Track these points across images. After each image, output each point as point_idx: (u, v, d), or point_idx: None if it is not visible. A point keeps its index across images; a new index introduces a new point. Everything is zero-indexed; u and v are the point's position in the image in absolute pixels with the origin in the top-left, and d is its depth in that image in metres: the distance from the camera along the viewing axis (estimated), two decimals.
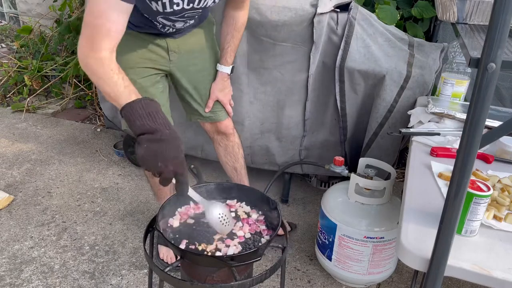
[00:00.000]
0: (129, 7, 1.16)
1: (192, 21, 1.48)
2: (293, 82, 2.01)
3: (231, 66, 1.68)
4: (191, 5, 1.33)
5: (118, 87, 1.15)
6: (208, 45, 1.66)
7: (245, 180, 1.90)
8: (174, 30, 1.48)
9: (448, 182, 0.81)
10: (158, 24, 1.42)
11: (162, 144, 1.10)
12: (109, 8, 1.13)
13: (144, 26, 1.44)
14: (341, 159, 1.76)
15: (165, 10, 1.31)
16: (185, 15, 1.39)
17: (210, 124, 1.78)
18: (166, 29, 1.47)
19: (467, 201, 0.95)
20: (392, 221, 1.62)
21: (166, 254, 1.82)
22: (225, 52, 1.64)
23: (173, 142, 1.10)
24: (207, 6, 1.39)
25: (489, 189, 0.96)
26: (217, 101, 1.72)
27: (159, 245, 1.85)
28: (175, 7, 1.31)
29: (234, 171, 1.88)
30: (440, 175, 1.25)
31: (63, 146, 2.80)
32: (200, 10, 1.40)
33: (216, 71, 1.69)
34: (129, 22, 1.30)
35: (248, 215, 1.39)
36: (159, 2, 1.26)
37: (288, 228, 1.96)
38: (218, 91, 1.69)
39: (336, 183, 2.14)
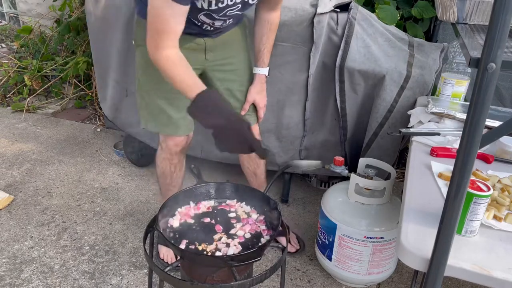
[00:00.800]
0: (187, 8, 1.25)
1: (230, 20, 1.47)
2: (293, 82, 2.01)
3: (268, 68, 1.67)
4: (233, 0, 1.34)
5: (182, 82, 1.29)
6: (242, 46, 1.66)
7: (263, 186, 1.89)
8: (212, 28, 1.47)
9: (448, 182, 0.81)
10: (197, 22, 1.42)
11: (234, 132, 1.24)
12: (171, 15, 1.23)
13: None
14: (341, 159, 1.76)
15: (210, 8, 1.32)
16: (227, 13, 1.39)
17: None
18: (204, 27, 1.46)
19: (467, 201, 0.94)
20: (392, 221, 1.62)
21: (166, 254, 1.82)
22: (262, 53, 1.63)
23: (240, 128, 1.24)
24: (247, 0, 1.38)
25: (489, 189, 0.96)
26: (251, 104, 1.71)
27: (159, 245, 1.85)
28: (219, 5, 1.32)
29: (253, 176, 1.88)
30: (440, 175, 1.25)
31: (63, 146, 2.80)
32: (240, 6, 1.38)
33: (250, 73, 1.67)
34: None
35: (248, 215, 1.39)
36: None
37: (297, 247, 1.95)
38: (256, 94, 1.67)
39: (336, 183, 2.13)
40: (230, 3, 1.34)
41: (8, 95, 3.41)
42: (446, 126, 1.55)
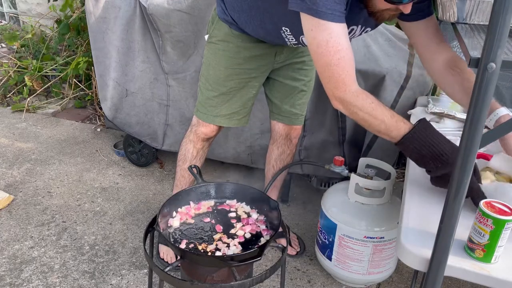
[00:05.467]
0: (345, 25, 1.11)
1: None
2: None
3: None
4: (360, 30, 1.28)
5: (384, 117, 1.11)
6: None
7: (277, 184, 1.93)
8: (295, 41, 1.43)
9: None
10: (284, 37, 1.40)
11: (450, 173, 0.99)
12: (339, 36, 1.09)
13: (270, 36, 1.44)
14: (341, 159, 1.76)
15: None
16: None
17: (284, 126, 1.79)
18: (287, 40, 1.42)
19: (499, 228, 0.88)
20: (392, 221, 1.62)
21: (166, 253, 1.82)
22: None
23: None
24: (352, 39, 1.31)
25: (510, 209, 0.90)
26: (301, 105, 1.73)
27: (159, 244, 1.85)
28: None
29: (272, 175, 1.90)
30: None
31: (63, 146, 2.80)
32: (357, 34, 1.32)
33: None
34: (253, 29, 1.41)
35: (248, 215, 1.39)
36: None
37: (297, 249, 1.95)
38: None
39: (336, 183, 2.13)
40: (357, 32, 1.29)
41: (8, 95, 3.41)
42: (446, 126, 1.55)
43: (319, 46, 1.10)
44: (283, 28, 1.35)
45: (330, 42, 1.09)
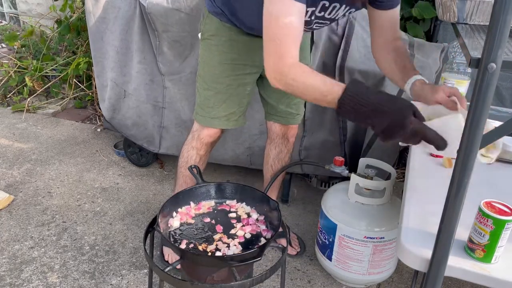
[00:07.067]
0: (304, 6, 1.13)
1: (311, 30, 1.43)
2: None
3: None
4: (322, 13, 1.28)
5: (317, 83, 1.10)
6: (306, 45, 1.65)
7: (276, 184, 1.93)
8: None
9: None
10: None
11: (392, 121, 1.01)
12: (292, 15, 1.10)
13: (257, 24, 1.41)
14: (341, 159, 1.76)
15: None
16: (313, 27, 1.36)
17: (281, 126, 1.79)
18: None
19: (499, 228, 0.88)
20: (392, 221, 1.62)
21: (171, 255, 1.81)
22: (408, 66, 1.38)
23: (396, 114, 1.01)
24: (337, 18, 1.34)
25: (510, 209, 0.90)
26: (296, 104, 1.72)
27: (163, 247, 1.85)
28: (312, 17, 1.27)
29: (271, 175, 1.90)
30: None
31: (63, 146, 2.80)
32: (328, 22, 1.35)
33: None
34: (244, 23, 1.39)
35: (248, 215, 1.39)
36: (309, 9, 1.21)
37: (298, 249, 1.95)
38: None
39: (336, 183, 2.13)
40: (326, 16, 1.29)
41: (8, 95, 3.41)
42: None
43: (268, 19, 1.13)
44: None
45: (281, 18, 1.11)
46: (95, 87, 3.04)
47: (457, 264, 0.91)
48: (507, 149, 1.38)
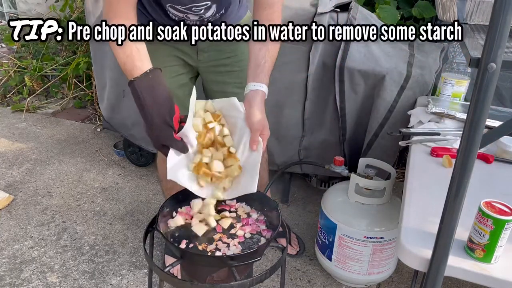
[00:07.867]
0: None
1: (208, 13, 1.36)
2: (292, 82, 2.01)
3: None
4: None
5: (125, 63, 1.18)
6: (243, 46, 1.43)
7: (264, 185, 1.80)
8: (193, 23, 1.39)
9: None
10: (172, 16, 1.37)
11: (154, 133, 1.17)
12: None
13: (159, 17, 1.39)
14: (341, 159, 1.76)
15: None
16: (192, 9, 1.32)
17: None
18: (187, 22, 1.38)
19: (499, 228, 0.88)
20: (392, 221, 1.62)
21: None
22: (262, 67, 1.33)
23: (148, 124, 1.16)
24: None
25: (510, 209, 0.90)
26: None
27: (165, 255, 1.83)
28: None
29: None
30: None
31: (63, 146, 2.80)
32: (209, 3, 1.31)
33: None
34: (149, 14, 1.36)
35: (248, 215, 1.39)
36: None
37: (297, 249, 1.95)
38: (264, 119, 1.32)
39: (336, 183, 2.13)
40: None
41: (8, 95, 3.41)
42: (446, 126, 1.55)
43: None
44: (167, 6, 1.34)
45: None
46: (95, 87, 3.04)
47: (457, 264, 0.91)
48: (507, 149, 1.37)
